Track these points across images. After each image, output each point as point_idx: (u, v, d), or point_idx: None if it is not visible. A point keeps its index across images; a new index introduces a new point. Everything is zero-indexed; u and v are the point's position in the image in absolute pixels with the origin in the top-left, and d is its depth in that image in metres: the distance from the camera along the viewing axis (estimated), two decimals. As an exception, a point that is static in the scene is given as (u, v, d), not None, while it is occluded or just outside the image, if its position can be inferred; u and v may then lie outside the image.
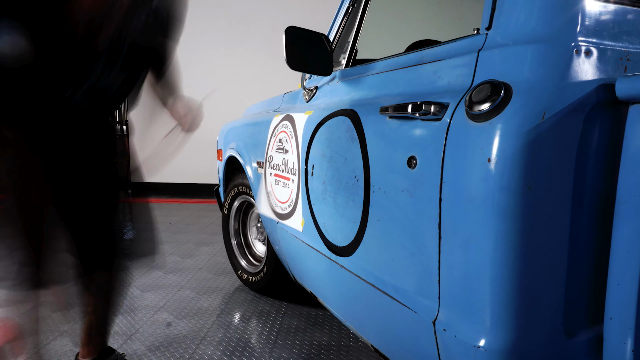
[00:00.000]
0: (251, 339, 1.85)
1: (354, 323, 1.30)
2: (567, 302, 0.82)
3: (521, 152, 0.75)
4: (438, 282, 0.89)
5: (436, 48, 1.01)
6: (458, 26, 2.16)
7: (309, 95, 1.62)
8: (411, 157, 0.94)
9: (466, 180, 0.81)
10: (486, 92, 0.78)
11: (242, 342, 1.82)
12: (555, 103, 0.76)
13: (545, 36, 0.79)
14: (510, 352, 0.79)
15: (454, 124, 0.84)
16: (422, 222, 0.92)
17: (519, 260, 0.77)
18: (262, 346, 1.78)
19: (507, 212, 0.76)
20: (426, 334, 0.93)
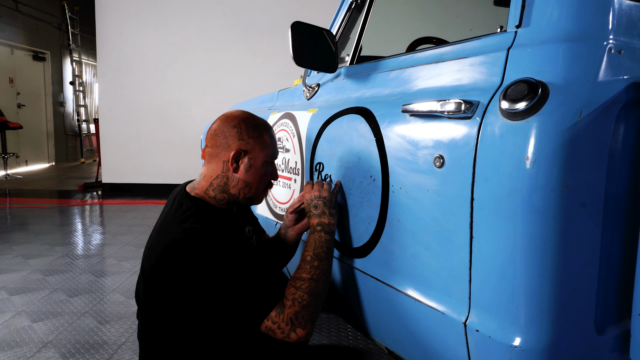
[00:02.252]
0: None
1: (367, 325, 1.28)
2: (598, 299, 0.83)
3: (559, 151, 0.75)
4: (469, 283, 0.88)
5: (458, 45, 1.00)
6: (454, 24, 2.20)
7: (309, 93, 1.59)
8: (438, 156, 0.92)
9: (502, 179, 0.80)
10: (523, 90, 0.78)
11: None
12: (590, 102, 0.76)
13: (578, 35, 0.79)
14: (547, 351, 0.79)
15: (486, 122, 0.83)
16: (450, 221, 0.91)
17: (556, 258, 0.77)
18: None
19: (545, 210, 0.76)
20: (455, 335, 0.91)
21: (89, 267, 2.83)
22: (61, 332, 1.93)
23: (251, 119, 1.17)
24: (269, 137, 1.18)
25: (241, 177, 1.15)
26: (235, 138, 1.13)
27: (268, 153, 1.17)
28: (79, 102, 9.83)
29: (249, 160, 1.14)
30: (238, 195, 1.16)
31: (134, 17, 5.62)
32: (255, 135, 1.15)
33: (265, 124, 1.19)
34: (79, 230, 4.00)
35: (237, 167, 1.14)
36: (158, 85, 5.69)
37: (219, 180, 1.15)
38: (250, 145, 1.14)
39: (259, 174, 1.16)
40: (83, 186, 6.20)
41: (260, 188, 1.19)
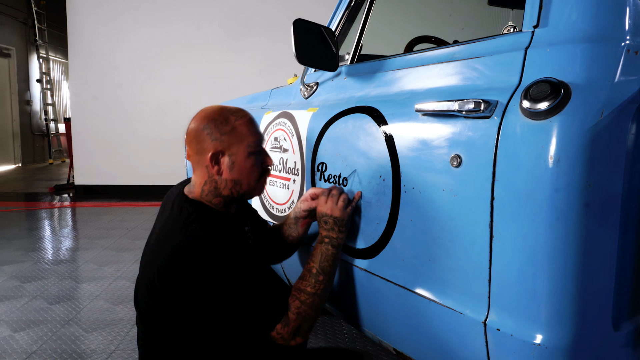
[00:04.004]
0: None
1: (372, 327, 1.27)
2: (615, 296, 0.84)
3: (583, 150, 0.76)
4: (489, 282, 0.88)
5: (470, 45, 1.01)
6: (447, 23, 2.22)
7: (308, 92, 1.57)
8: (455, 156, 0.92)
9: (524, 178, 0.81)
10: (545, 90, 0.78)
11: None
12: (610, 101, 0.77)
13: (597, 35, 0.80)
14: (569, 348, 0.80)
15: (507, 122, 0.83)
16: (469, 221, 0.90)
17: (578, 256, 0.78)
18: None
19: (568, 209, 0.77)
20: (473, 335, 0.91)
21: (68, 273, 2.72)
22: (45, 342, 1.84)
23: (219, 113, 1.09)
24: (244, 127, 1.09)
25: (227, 177, 1.09)
26: (208, 140, 1.07)
27: (248, 143, 1.09)
28: (46, 101, 9.47)
29: (229, 158, 1.08)
30: (232, 195, 1.12)
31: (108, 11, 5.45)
32: (227, 130, 1.07)
33: (237, 113, 1.10)
34: (53, 235, 3.84)
35: (220, 169, 1.09)
36: (133, 83, 5.54)
37: (208, 185, 1.11)
38: (226, 142, 1.07)
39: (244, 168, 1.10)
40: (54, 188, 5.97)
41: (251, 181, 1.12)
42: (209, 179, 1.10)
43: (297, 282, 1.11)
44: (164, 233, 1.08)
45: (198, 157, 1.10)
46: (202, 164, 1.10)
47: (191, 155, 1.12)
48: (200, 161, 1.10)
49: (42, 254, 3.12)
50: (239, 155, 1.09)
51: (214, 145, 1.07)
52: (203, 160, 1.09)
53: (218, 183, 1.10)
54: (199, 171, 1.11)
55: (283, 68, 3.51)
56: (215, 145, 1.07)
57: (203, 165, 1.10)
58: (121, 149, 5.64)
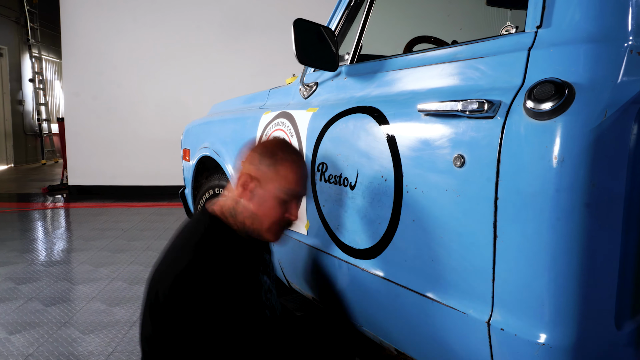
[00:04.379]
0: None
1: (373, 327, 1.27)
2: (617, 296, 0.84)
3: (587, 150, 0.76)
4: (492, 282, 0.88)
5: (472, 45, 1.01)
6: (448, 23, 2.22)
7: (307, 92, 1.56)
8: (458, 156, 0.92)
9: (528, 178, 0.81)
10: (549, 90, 0.78)
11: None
12: (614, 102, 0.77)
13: (600, 36, 0.81)
14: (573, 347, 0.80)
15: (510, 122, 0.84)
16: (472, 221, 0.91)
17: (583, 256, 0.78)
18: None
19: (572, 208, 0.77)
20: (476, 334, 0.92)
21: (63, 274, 2.70)
22: (42, 344, 1.82)
23: (271, 146, 1.09)
24: (285, 169, 1.06)
25: (247, 204, 1.08)
26: (248, 162, 1.08)
27: (281, 186, 1.06)
28: (39, 100, 9.38)
29: (255, 187, 1.06)
30: (244, 225, 1.09)
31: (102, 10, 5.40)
32: (268, 163, 1.06)
33: (288, 154, 1.08)
34: (48, 236, 3.81)
35: (245, 192, 1.07)
36: (129, 83, 5.50)
37: (230, 202, 1.10)
38: (261, 173, 1.06)
39: (266, 206, 1.07)
40: (48, 189, 5.91)
41: (265, 222, 1.08)
42: (235, 197, 1.09)
43: None
44: (174, 249, 1.07)
45: (237, 175, 1.11)
46: (239, 183, 1.09)
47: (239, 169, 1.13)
48: (235, 179, 1.11)
49: (37, 255, 3.09)
50: (267, 191, 1.07)
51: (251, 170, 1.07)
52: (237, 179, 1.09)
53: (238, 205, 1.09)
54: (237, 187, 1.10)
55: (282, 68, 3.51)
56: (254, 171, 1.07)
57: (239, 184, 1.09)
58: (116, 150, 5.60)
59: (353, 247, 1.25)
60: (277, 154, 1.07)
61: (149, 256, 3.08)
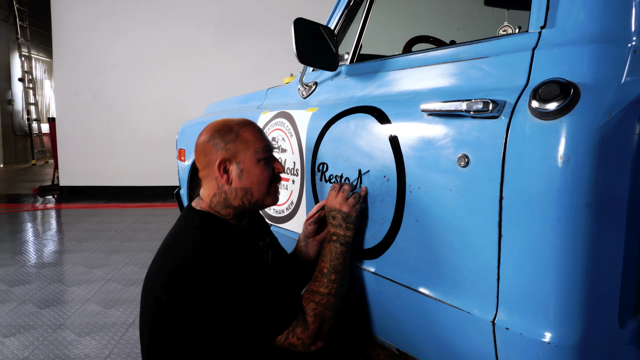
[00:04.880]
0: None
1: (376, 327, 1.27)
2: (620, 294, 0.85)
3: (592, 149, 0.76)
4: (497, 281, 0.88)
5: (475, 45, 1.01)
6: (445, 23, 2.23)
7: (306, 92, 1.56)
8: (462, 156, 0.92)
9: (533, 178, 0.81)
10: (554, 90, 0.79)
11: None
12: (618, 102, 0.78)
13: (604, 37, 0.81)
14: (579, 346, 0.80)
15: (515, 122, 0.84)
16: (477, 221, 0.91)
17: (588, 255, 0.79)
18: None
19: (578, 208, 0.77)
20: (481, 334, 0.92)
21: (57, 276, 2.66)
22: (37, 347, 1.80)
23: (223, 124, 1.09)
24: (249, 133, 1.08)
25: (237, 185, 1.07)
26: (214, 150, 1.06)
27: (255, 149, 1.08)
28: (28, 100, 9.27)
29: (237, 165, 1.06)
30: (244, 205, 1.09)
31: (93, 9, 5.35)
32: (232, 139, 1.06)
33: (241, 122, 1.10)
34: (40, 237, 3.76)
35: (229, 177, 1.07)
36: (121, 83, 5.45)
37: (217, 197, 1.08)
38: (232, 151, 1.06)
39: (254, 174, 1.08)
40: (38, 189, 5.85)
41: (262, 188, 1.10)
42: (219, 190, 1.08)
43: (310, 284, 1.09)
44: (169, 246, 1.06)
45: (207, 171, 1.08)
46: (211, 176, 1.08)
47: (200, 171, 1.11)
48: (209, 174, 1.08)
49: (29, 257, 3.05)
50: (246, 162, 1.07)
51: (220, 155, 1.06)
52: (212, 172, 1.07)
53: (228, 193, 1.08)
54: (208, 184, 1.09)
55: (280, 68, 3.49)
56: (222, 154, 1.06)
57: (212, 177, 1.08)
58: (108, 150, 5.55)
59: (357, 246, 1.25)
60: (231, 127, 1.08)
61: (143, 257, 3.05)
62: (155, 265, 1.06)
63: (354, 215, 1.15)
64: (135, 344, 1.83)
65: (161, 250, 1.08)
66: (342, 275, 1.12)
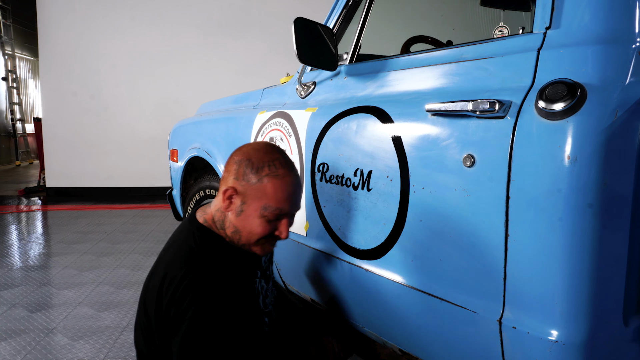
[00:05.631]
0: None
1: (376, 327, 1.26)
2: (625, 292, 0.86)
3: (599, 149, 0.77)
4: (504, 280, 0.89)
5: (479, 46, 1.01)
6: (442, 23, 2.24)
7: (305, 91, 1.55)
8: (468, 156, 0.92)
9: (540, 177, 0.81)
10: (561, 90, 0.79)
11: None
12: (623, 102, 0.79)
13: (609, 37, 0.82)
14: (585, 344, 0.81)
15: (522, 122, 0.84)
16: (483, 220, 0.91)
17: (595, 254, 0.79)
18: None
19: (585, 208, 0.78)
20: (487, 333, 0.92)
21: (47, 279, 2.61)
22: (29, 352, 1.76)
23: (260, 157, 1.00)
24: (272, 188, 0.98)
25: (232, 219, 1.02)
26: (232, 175, 1.01)
27: (266, 205, 0.99)
28: (12, 100, 9.09)
29: (241, 203, 1.00)
30: (232, 239, 1.05)
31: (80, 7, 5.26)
32: (252, 180, 0.99)
33: (277, 168, 1.00)
34: (27, 239, 3.69)
35: (229, 207, 1.02)
36: (109, 82, 5.37)
37: (219, 214, 1.05)
38: (245, 188, 1.00)
39: (250, 223, 1.01)
40: (24, 191, 5.74)
41: (251, 238, 1.03)
42: (222, 210, 1.04)
43: None
44: (163, 258, 1.04)
45: (222, 183, 1.05)
46: (221, 193, 1.04)
47: (222, 177, 1.07)
48: (221, 188, 1.04)
49: (17, 260, 2.98)
50: (250, 208, 1.00)
51: (235, 184, 1.01)
52: (222, 191, 1.03)
53: (225, 219, 1.04)
54: (218, 197, 1.05)
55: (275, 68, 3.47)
56: (237, 185, 1.01)
57: (221, 194, 1.04)
58: (95, 151, 5.47)
59: (356, 247, 1.25)
60: (263, 170, 0.99)
61: (134, 259, 3.01)
62: (154, 274, 1.04)
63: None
64: (130, 348, 1.80)
65: (160, 259, 1.07)
66: None
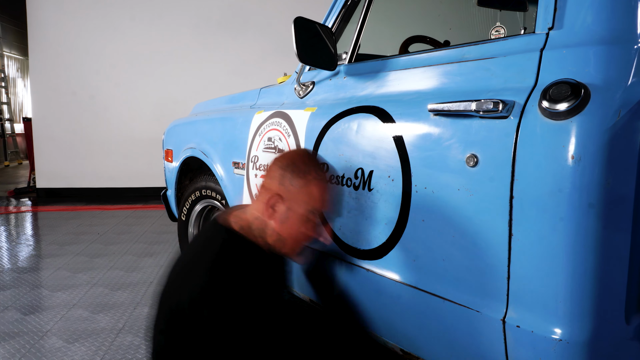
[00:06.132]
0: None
1: (377, 327, 1.26)
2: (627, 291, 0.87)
3: (602, 149, 0.78)
4: (507, 280, 0.89)
5: (481, 46, 1.02)
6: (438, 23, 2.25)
7: (303, 91, 1.54)
8: (471, 155, 0.93)
9: (545, 177, 0.82)
10: (565, 91, 0.80)
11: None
12: (626, 102, 0.79)
13: (611, 38, 0.83)
14: (589, 342, 0.82)
15: (525, 122, 0.85)
16: (486, 220, 0.91)
17: (598, 253, 0.80)
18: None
19: (589, 207, 0.79)
20: (491, 332, 0.93)
21: (40, 281, 2.58)
22: (24, 355, 1.74)
23: (304, 162, 1.04)
24: (317, 190, 1.03)
25: (276, 227, 1.03)
26: (277, 181, 1.02)
27: (314, 208, 1.03)
28: (1, 99, 8.96)
29: (286, 210, 1.02)
30: (274, 247, 1.06)
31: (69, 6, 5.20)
32: (299, 184, 1.02)
33: (316, 170, 1.05)
34: (19, 241, 3.64)
35: (273, 214, 1.03)
36: (100, 82, 5.31)
37: (258, 222, 1.05)
38: (290, 194, 1.01)
39: (296, 229, 1.03)
40: (14, 192, 5.66)
41: (296, 246, 1.06)
42: (262, 217, 1.05)
43: None
44: (185, 265, 1.04)
45: (264, 190, 1.05)
46: (263, 200, 1.04)
47: (262, 186, 1.07)
48: (264, 194, 1.04)
49: (9, 262, 2.94)
50: (295, 212, 1.03)
51: (279, 189, 1.02)
52: (265, 197, 1.04)
53: (267, 227, 1.05)
54: (259, 204, 1.05)
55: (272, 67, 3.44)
56: (280, 190, 1.02)
57: (264, 200, 1.04)
58: (86, 151, 5.40)
59: (357, 247, 1.24)
60: (309, 173, 1.03)
61: (128, 260, 2.98)
62: (174, 280, 1.03)
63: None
64: (127, 350, 1.78)
65: (180, 265, 1.06)
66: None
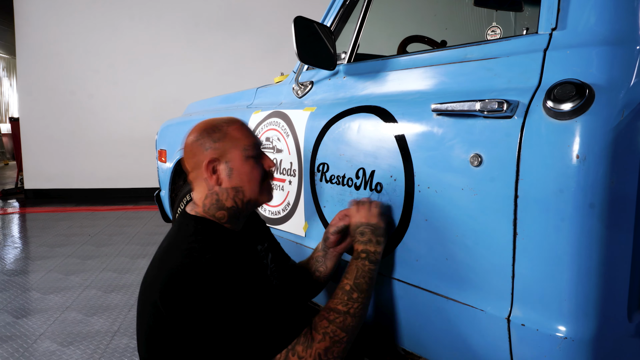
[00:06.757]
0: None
1: (379, 327, 1.26)
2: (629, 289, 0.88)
3: (607, 149, 0.78)
4: (512, 279, 0.90)
5: (484, 46, 1.02)
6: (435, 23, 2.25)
7: (302, 91, 1.54)
8: (475, 155, 0.93)
9: (549, 176, 0.82)
10: (570, 91, 0.80)
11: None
12: (629, 102, 0.80)
13: (615, 39, 0.84)
14: (594, 339, 0.83)
15: (530, 122, 0.85)
16: (491, 219, 0.92)
17: (602, 252, 0.81)
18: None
19: (593, 206, 0.79)
20: (495, 331, 0.93)
21: (31, 284, 2.54)
22: (18, 358, 1.71)
23: (209, 123, 1.06)
24: (237, 131, 1.05)
25: (227, 185, 1.03)
26: (201, 150, 1.03)
27: (244, 146, 1.04)
28: (-14, 99, 8.81)
29: (226, 164, 1.03)
30: (237, 205, 1.05)
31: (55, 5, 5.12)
32: (219, 137, 1.03)
33: (228, 121, 1.07)
34: (8, 243, 3.58)
35: (218, 178, 1.03)
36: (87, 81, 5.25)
37: (209, 199, 1.04)
38: (220, 150, 1.03)
39: (244, 172, 1.04)
40: (1, 193, 5.57)
41: (254, 186, 1.06)
42: (210, 192, 1.04)
43: (328, 302, 1.03)
44: (162, 256, 1.02)
45: (196, 172, 1.05)
46: (201, 178, 1.04)
47: (190, 173, 1.07)
48: (199, 175, 1.04)
49: (-2, 265, 2.89)
50: (235, 160, 1.03)
51: (208, 154, 1.02)
52: (201, 174, 1.03)
53: (219, 194, 1.04)
54: (199, 187, 1.06)
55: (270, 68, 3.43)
56: (210, 153, 1.02)
57: (202, 179, 1.04)
58: (75, 151, 5.34)
59: (358, 247, 1.24)
60: (218, 125, 1.05)
61: (121, 262, 2.95)
62: (152, 272, 1.02)
63: (382, 227, 1.10)
64: (123, 352, 1.76)
65: (157, 256, 1.04)
66: (366, 295, 1.04)
